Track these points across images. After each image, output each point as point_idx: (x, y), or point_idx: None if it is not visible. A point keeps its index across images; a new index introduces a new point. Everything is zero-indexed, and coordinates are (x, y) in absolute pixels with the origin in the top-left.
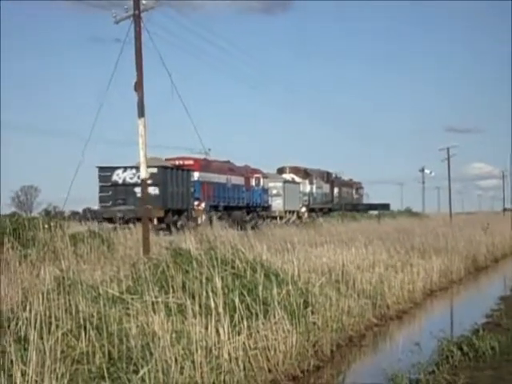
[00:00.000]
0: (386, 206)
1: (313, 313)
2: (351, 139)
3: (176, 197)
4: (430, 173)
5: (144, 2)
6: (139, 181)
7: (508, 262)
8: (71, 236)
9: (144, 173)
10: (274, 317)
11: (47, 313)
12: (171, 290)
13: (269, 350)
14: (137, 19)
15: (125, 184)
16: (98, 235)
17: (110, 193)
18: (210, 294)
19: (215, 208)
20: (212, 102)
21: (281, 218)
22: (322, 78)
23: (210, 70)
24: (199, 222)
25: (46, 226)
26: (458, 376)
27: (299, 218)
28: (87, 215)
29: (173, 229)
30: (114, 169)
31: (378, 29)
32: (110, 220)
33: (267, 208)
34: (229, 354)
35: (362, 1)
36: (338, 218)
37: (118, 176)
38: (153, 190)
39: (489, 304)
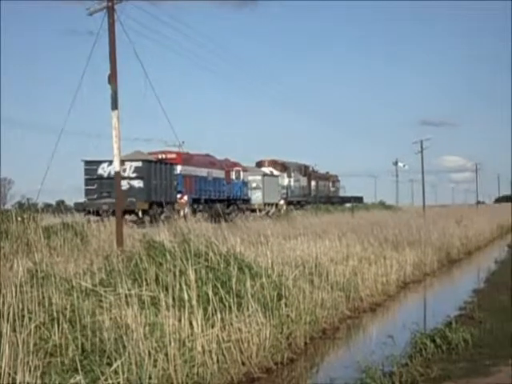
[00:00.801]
0: (359, 199)
1: (286, 305)
2: (325, 132)
3: (160, 190)
4: (404, 166)
5: None
6: (124, 174)
7: (481, 255)
8: (44, 228)
9: (118, 165)
10: (248, 309)
11: (20, 305)
12: (144, 283)
13: (242, 342)
14: (110, 11)
15: (110, 177)
16: (72, 228)
17: (96, 186)
18: (184, 286)
19: (197, 201)
20: (187, 95)
21: (260, 210)
22: (298, 71)
23: (185, 62)
24: (182, 214)
25: (19, 218)
26: (431, 368)
27: (278, 210)
28: (67, 207)
29: (154, 221)
30: (99, 162)
31: (353, 21)
32: (96, 212)
33: (247, 201)
34: (202, 347)
35: None
36: (311, 210)
37: (104, 169)
38: (137, 183)
39: (462, 296)
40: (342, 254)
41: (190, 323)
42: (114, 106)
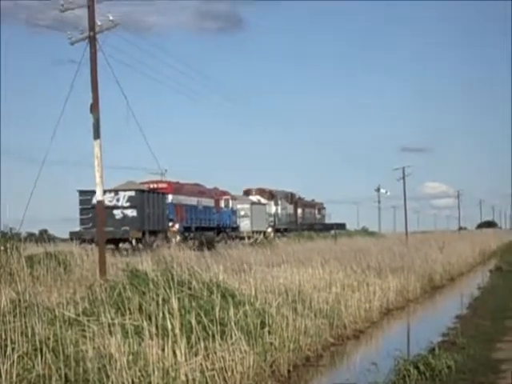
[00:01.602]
0: (342, 226)
1: (270, 333)
2: (308, 159)
3: (152, 218)
4: (386, 192)
5: (99, 23)
6: (118, 203)
7: (464, 281)
8: (27, 258)
9: (100, 194)
10: (231, 337)
11: (3, 335)
12: (128, 312)
13: (226, 370)
14: (92, 40)
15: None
16: (55, 257)
17: (90, 215)
18: (167, 315)
19: (188, 229)
20: (169, 123)
21: (249, 237)
22: (279, 97)
23: (167, 90)
24: (174, 242)
25: (2, 247)
26: None
27: (266, 237)
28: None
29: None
30: (93, 192)
31: (337, 46)
32: (91, 241)
33: (236, 228)
34: (186, 376)
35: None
36: (294, 237)
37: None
38: (131, 212)
39: (445, 323)
40: (325, 281)
41: (174, 352)
42: (97, 135)
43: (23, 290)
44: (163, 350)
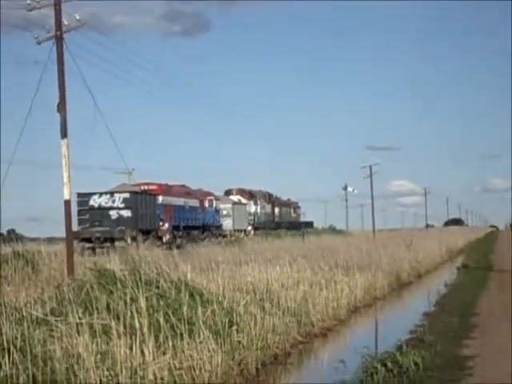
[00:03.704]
0: (309, 224)
1: (238, 331)
2: (275, 158)
3: (145, 218)
4: (353, 190)
5: (66, 22)
6: (114, 205)
7: (431, 278)
8: None
9: (68, 194)
10: (199, 336)
11: None
12: (96, 311)
13: (194, 369)
14: (59, 40)
15: (100, 208)
16: (23, 256)
17: (88, 216)
18: (135, 314)
19: (176, 228)
20: (137, 123)
21: (231, 235)
22: (245, 97)
23: (134, 90)
24: (164, 240)
25: None
26: None
27: (246, 235)
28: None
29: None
30: (90, 194)
31: (304, 48)
32: (89, 240)
33: (219, 227)
34: (154, 375)
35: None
36: (261, 235)
37: (95, 201)
38: (125, 213)
39: (412, 320)
40: (293, 279)
41: (142, 351)
42: (64, 134)
43: None
44: (131, 349)
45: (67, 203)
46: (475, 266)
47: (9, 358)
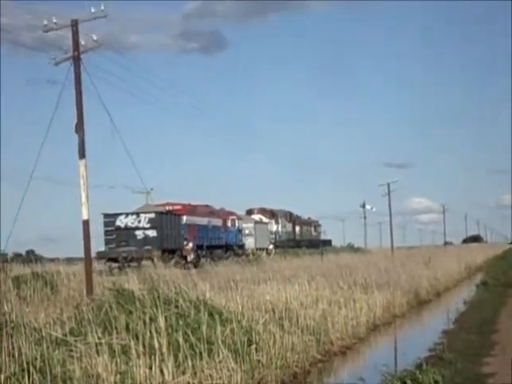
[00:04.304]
0: (327, 242)
1: (257, 350)
2: (292, 176)
3: (170, 238)
4: (371, 208)
5: (83, 43)
6: (140, 225)
7: (450, 296)
8: (14, 278)
9: (86, 214)
10: (219, 355)
11: None
12: (115, 331)
13: None
14: (76, 61)
15: (127, 228)
16: (42, 277)
17: (114, 236)
18: (154, 334)
19: (200, 247)
20: (155, 142)
21: (253, 254)
22: (261, 115)
23: (151, 109)
24: (189, 259)
25: None
26: None
27: (268, 254)
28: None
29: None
30: (117, 215)
31: (317, 60)
32: (116, 260)
33: (241, 246)
34: None
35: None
36: (280, 254)
37: (121, 221)
38: (151, 233)
39: (432, 338)
40: (312, 297)
41: (161, 370)
42: (82, 154)
43: (10, 310)
44: (150, 368)
45: (85, 223)
46: (494, 283)
47: (28, 379)
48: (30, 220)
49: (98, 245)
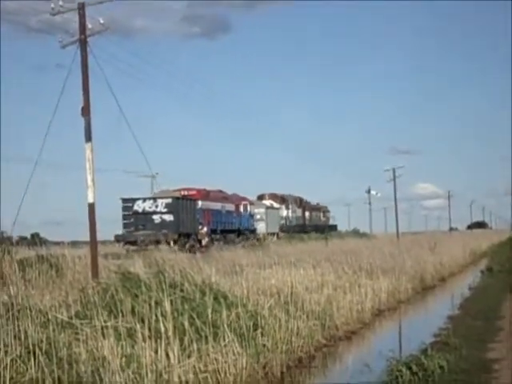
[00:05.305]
0: (333, 227)
1: (262, 335)
2: (298, 162)
3: (186, 222)
4: (376, 194)
5: (89, 26)
6: (157, 209)
7: (455, 281)
8: (19, 261)
9: (92, 197)
10: (224, 339)
11: None
12: (120, 315)
13: (219, 372)
14: (83, 44)
15: (144, 212)
16: (47, 260)
17: (132, 220)
18: (160, 317)
19: (214, 231)
20: (161, 126)
21: (264, 239)
22: (268, 101)
23: (158, 93)
24: (203, 243)
25: None
26: None
27: (278, 238)
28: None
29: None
30: (134, 200)
31: (321, 51)
32: (133, 243)
33: (253, 231)
34: (179, 378)
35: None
36: (285, 239)
37: (139, 206)
38: (168, 217)
39: (437, 323)
40: (317, 282)
41: (167, 354)
42: (88, 137)
43: (15, 293)
44: (156, 352)
45: (91, 206)
46: (499, 269)
47: (34, 361)
48: (35, 203)
49: (115, 228)
